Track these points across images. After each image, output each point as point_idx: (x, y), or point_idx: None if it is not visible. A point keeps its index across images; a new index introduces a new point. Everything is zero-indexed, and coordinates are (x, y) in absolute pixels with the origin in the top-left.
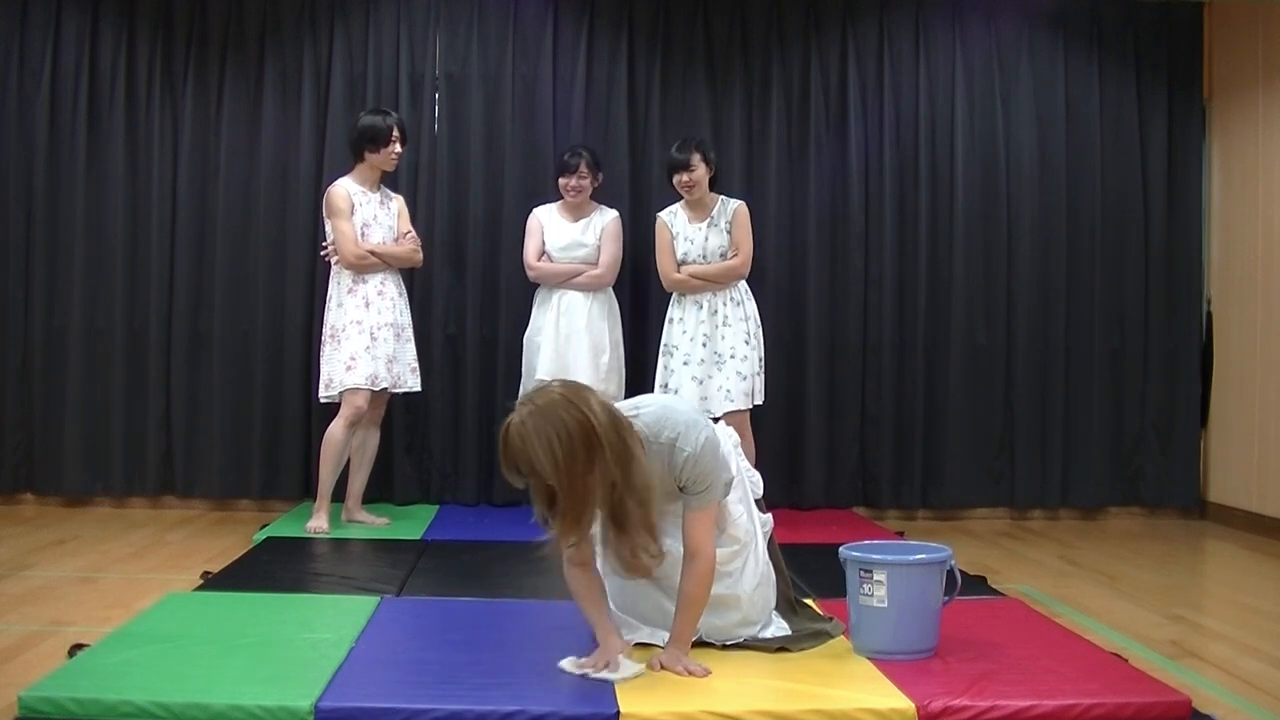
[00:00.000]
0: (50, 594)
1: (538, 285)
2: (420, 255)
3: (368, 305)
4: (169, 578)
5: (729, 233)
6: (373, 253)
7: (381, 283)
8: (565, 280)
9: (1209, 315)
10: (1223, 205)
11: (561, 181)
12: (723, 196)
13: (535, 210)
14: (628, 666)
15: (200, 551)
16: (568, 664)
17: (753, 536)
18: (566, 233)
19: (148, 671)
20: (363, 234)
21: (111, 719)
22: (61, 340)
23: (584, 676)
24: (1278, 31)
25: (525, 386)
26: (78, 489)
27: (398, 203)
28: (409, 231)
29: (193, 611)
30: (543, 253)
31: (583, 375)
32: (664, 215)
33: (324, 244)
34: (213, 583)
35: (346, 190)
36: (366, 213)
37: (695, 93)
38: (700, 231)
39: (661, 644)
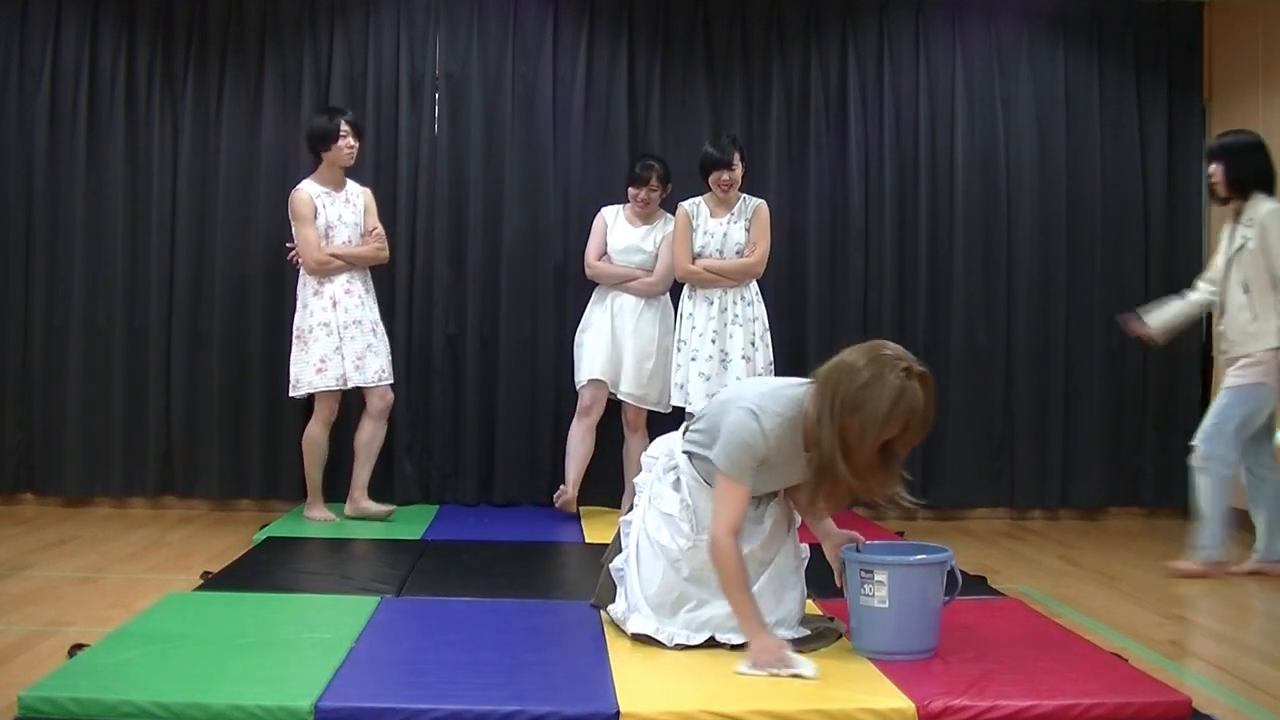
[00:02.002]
0: (50, 594)
1: (595, 284)
2: (385, 253)
3: (335, 305)
4: (169, 578)
5: (749, 230)
6: (336, 255)
7: (348, 281)
8: (620, 282)
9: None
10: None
11: (631, 191)
12: (745, 194)
13: (603, 210)
14: (805, 664)
15: (200, 551)
16: (744, 668)
17: None
18: (628, 236)
19: (148, 671)
20: (327, 235)
21: (111, 719)
22: (61, 340)
23: (772, 675)
24: (1278, 31)
25: (577, 380)
26: (78, 489)
27: (364, 197)
28: (375, 228)
29: (193, 611)
30: (603, 253)
31: (626, 378)
32: (687, 205)
33: (288, 245)
34: (213, 583)
35: (309, 194)
36: (331, 214)
37: (695, 93)
38: (721, 226)
39: (725, 642)
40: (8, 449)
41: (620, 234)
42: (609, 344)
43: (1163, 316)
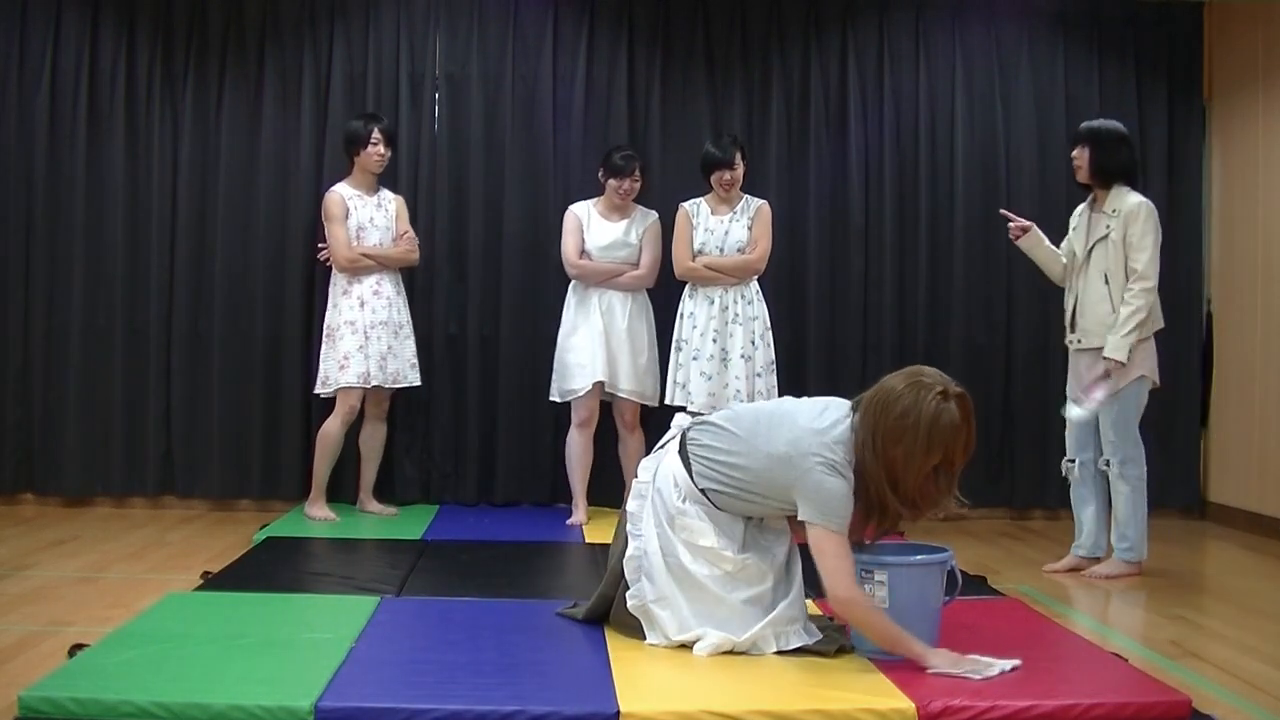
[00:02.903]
0: (50, 594)
1: (570, 283)
2: (416, 255)
3: (363, 305)
4: (169, 578)
5: (750, 229)
6: (366, 255)
7: (378, 282)
8: (607, 279)
9: (1209, 315)
10: (1223, 205)
11: (613, 183)
12: (747, 195)
13: (572, 207)
14: (998, 662)
15: (200, 551)
16: (946, 667)
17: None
18: (608, 232)
19: (148, 671)
20: (358, 236)
21: (111, 719)
22: (62, 340)
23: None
24: (1278, 31)
25: (558, 385)
26: (78, 489)
27: (397, 203)
28: (407, 232)
29: (193, 611)
30: (582, 251)
31: (625, 375)
32: (687, 205)
33: (320, 246)
34: (213, 583)
35: (341, 195)
36: (362, 215)
37: (695, 93)
38: (722, 224)
39: (731, 644)
40: (8, 449)
41: (600, 231)
42: (604, 344)
43: (1042, 240)
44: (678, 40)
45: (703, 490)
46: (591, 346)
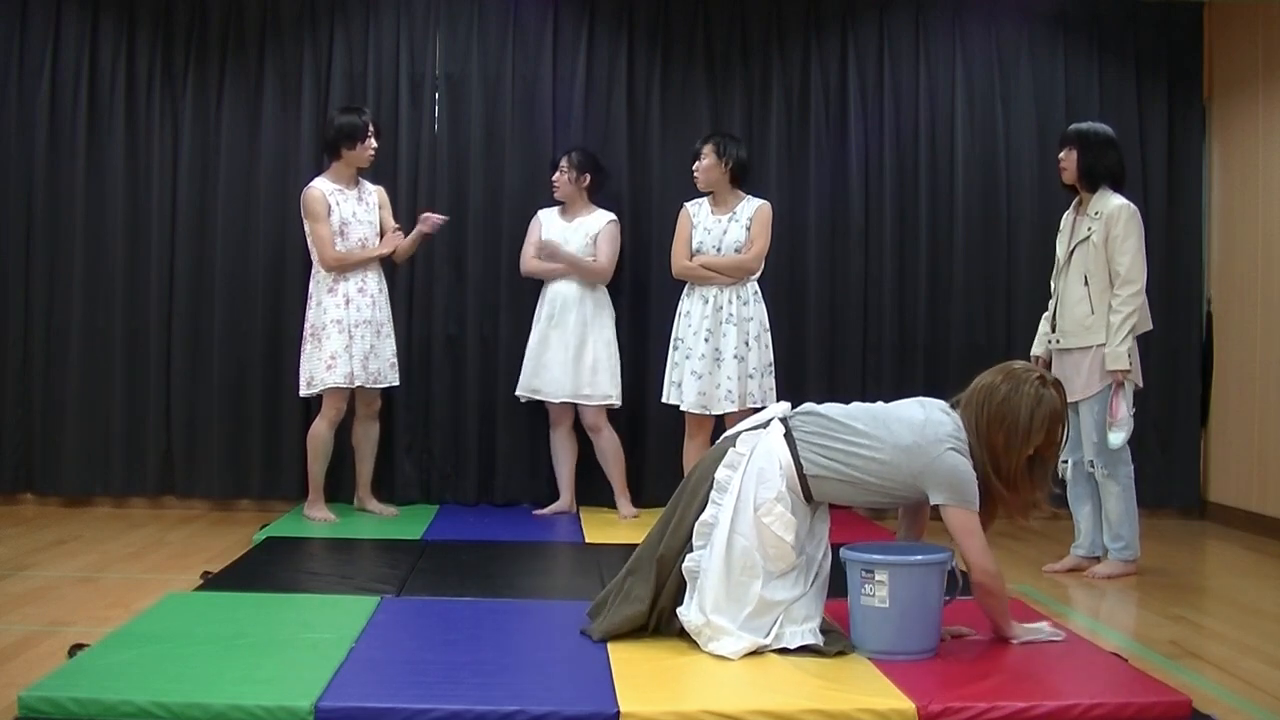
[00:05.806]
0: (50, 594)
1: (541, 283)
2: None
3: (348, 303)
4: (169, 578)
5: (748, 230)
6: (353, 255)
7: (362, 279)
8: (550, 274)
9: (1209, 315)
10: (1223, 205)
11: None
12: (749, 195)
13: (539, 212)
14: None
15: (200, 551)
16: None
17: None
18: (555, 231)
19: (148, 671)
20: (341, 232)
21: (111, 719)
22: (62, 340)
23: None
24: (1278, 31)
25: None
26: (78, 489)
27: (377, 195)
28: (397, 228)
29: (193, 611)
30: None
31: (568, 381)
32: (689, 205)
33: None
34: (213, 583)
35: (322, 191)
36: (345, 211)
37: (695, 93)
38: (720, 224)
39: (758, 647)
40: (8, 449)
41: (549, 230)
42: (540, 340)
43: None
44: (678, 40)
45: (805, 476)
46: (532, 343)
